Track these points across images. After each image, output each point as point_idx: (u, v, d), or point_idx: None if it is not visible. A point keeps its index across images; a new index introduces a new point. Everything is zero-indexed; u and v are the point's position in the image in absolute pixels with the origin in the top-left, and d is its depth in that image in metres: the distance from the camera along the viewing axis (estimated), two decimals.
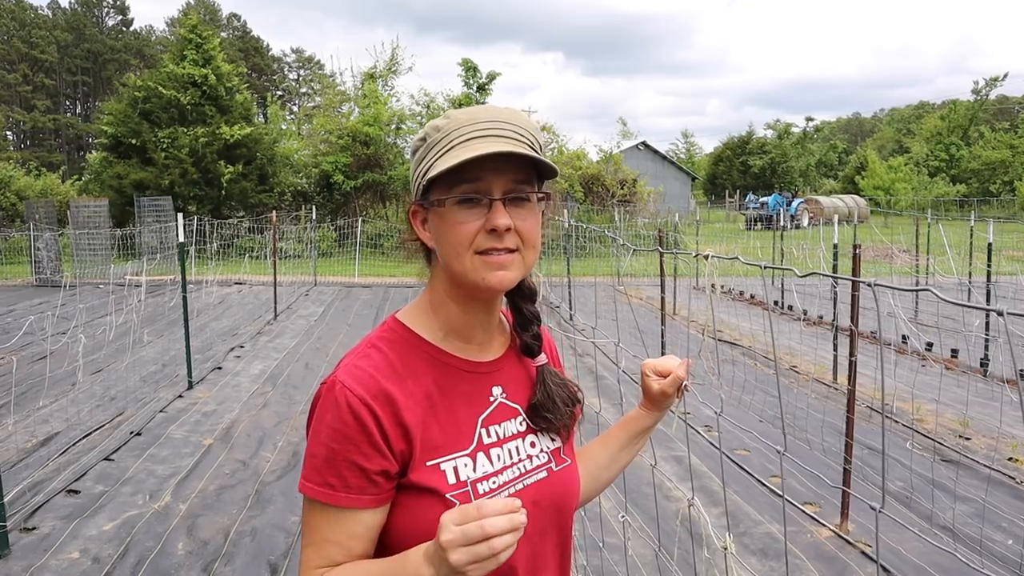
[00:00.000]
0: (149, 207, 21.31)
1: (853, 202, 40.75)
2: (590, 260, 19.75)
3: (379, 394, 1.10)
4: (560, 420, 1.27)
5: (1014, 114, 61.59)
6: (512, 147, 1.10)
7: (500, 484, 1.18)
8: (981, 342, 9.53)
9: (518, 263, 1.15)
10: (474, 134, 1.11)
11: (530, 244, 1.15)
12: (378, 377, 1.12)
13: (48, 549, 4.34)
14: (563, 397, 1.28)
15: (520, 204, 1.13)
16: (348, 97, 30.12)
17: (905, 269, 15.74)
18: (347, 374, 1.12)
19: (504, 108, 1.17)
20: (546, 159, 1.15)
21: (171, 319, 12.04)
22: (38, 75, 63.71)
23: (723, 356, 9.12)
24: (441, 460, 1.14)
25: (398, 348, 1.18)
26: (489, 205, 1.11)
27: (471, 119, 1.13)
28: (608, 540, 4.32)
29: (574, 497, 1.30)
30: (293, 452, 6.08)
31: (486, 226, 1.11)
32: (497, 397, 1.24)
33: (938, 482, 5.24)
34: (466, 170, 1.09)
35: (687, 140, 73.05)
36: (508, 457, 1.21)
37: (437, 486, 1.12)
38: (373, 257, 22.75)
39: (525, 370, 1.30)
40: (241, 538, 4.54)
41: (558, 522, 1.25)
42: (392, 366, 1.15)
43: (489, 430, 1.21)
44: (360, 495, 1.09)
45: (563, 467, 1.27)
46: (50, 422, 6.77)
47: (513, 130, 1.13)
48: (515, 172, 1.13)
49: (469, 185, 1.11)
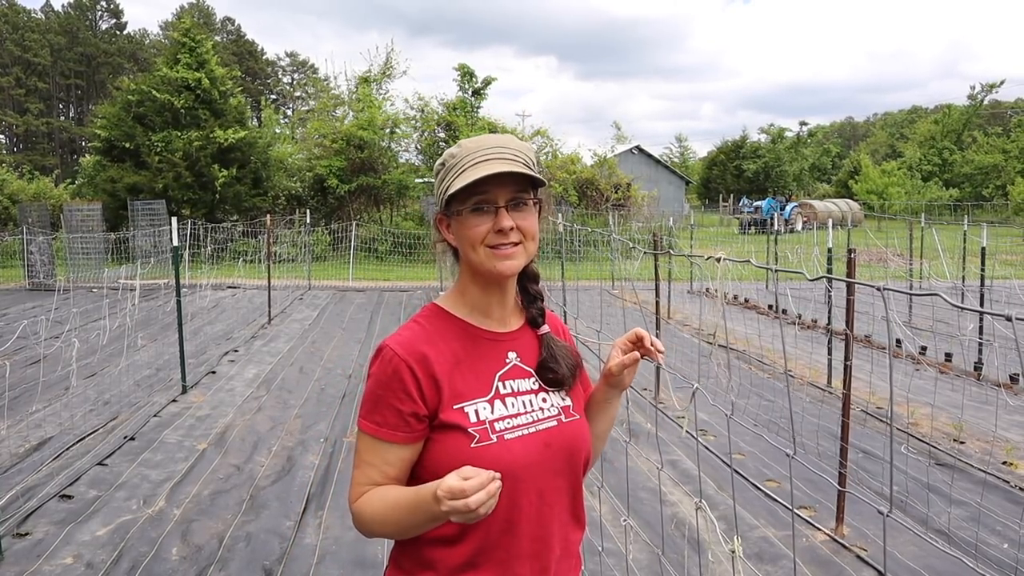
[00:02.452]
0: (143, 211, 21.27)
1: (847, 206, 40.91)
2: (584, 264, 19.76)
3: (415, 353, 1.44)
4: (563, 374, 1.56)
5: (1007, 119, 61.82)
6: (510, 167, 1.43)
7: (514, 426, 1.47)
8: (975, 346, 9.56)
9: (522, 252, 1.49)
10: (482, 158, 1.45)
11: (530, 236, 1.49)
12: (416, 342, 1.47)
13: (41, 555, 4.31)
14: (564, 356, 1.58)
15: (520, 208, 1.48)
16: (342, 101, 30.06)
17: (899, 273, 15.79)
18: (393, 340, 1.48)
19: (504, 135, 1.51)
20: (536, 174, 1.48)
21: (165, 323, 12.01)
22: (31, 78, 63.53)
23: (719, 360, 9.12)
24: (465, 404, 1.45)
25: (433, 321, 1.53)
26: (496, 211, 1.45)
27: (479, 147, 1.47)
28: (607, 545, 4.31)
29: (583, 444, 1.56)
30: (288, 457, 6.07)
31: (494, 227, 1.45)
32: (512, 360, 1.55)
33: (933, 486, 5.25)
34: (477, 185, 1.43)
35: (681, 144, 73.33)
36: (522, 406, 1.50)
37: (461, 422, 1.44)
38: (367, 261, 22.73)
39: (537, 342, 1.60)
40: (236, 543, 4.52)
41: (569, 465, 1.52)
42: (428, 333, 1.50)
43: (505, 383, 1.51)
44: (395, 431, 1.43)
45: (571, 420, 1.55)
46: (43, 427, 6.74)
47: (512, 153, 1.47)
48: (514, 184, 1.46)
49: (480, 197, 1.45)
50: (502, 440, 1.44)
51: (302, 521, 4.85)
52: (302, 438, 6.55)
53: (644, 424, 6.95)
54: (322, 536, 4.62)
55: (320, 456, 6.08)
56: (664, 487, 5.45)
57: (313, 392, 8.12)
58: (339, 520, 4.85)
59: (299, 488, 5.40)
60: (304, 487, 5.41)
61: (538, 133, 29.15)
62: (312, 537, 4.62)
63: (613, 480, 5.38)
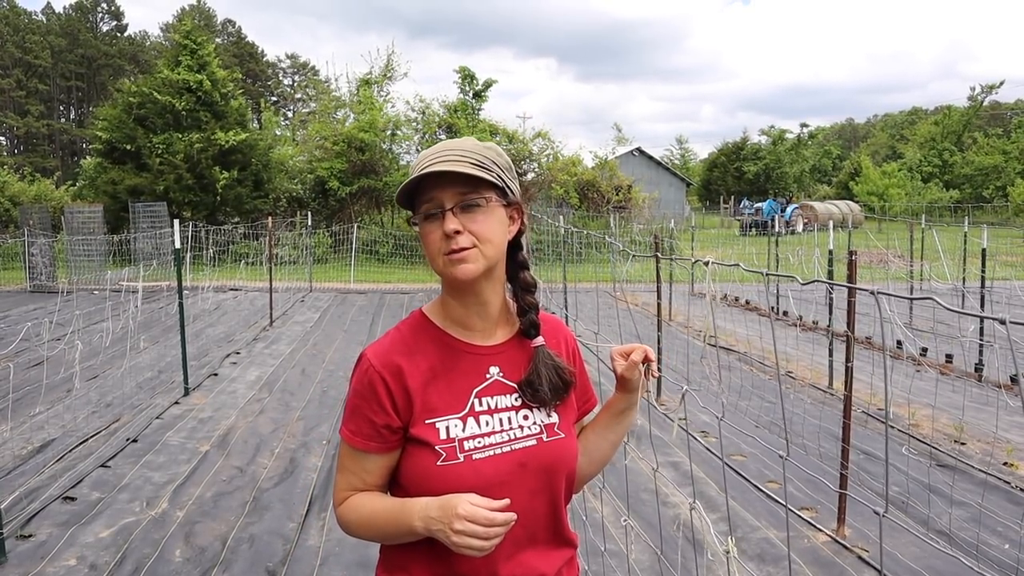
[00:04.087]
0: (144, 213, 21.29)
1: (847, 207, 40.91)
2: (586, 266, 19.77)
3: (389, 365, 1.42)
4: (544, 394, 1.47)
5: (1007, 120, 61.83)
6: (449, 167, 1.36)
7: (485, 445, 1.42)
8: (975, 347, 9.56)
9: (477, 256, 1.39)
10: (426, 164, 1.39)
11: (485, 240, 1.39)
12: (392, 352, 1.44)
13: (45, 556, 4.32)
14: (552, 374, 1.48)
15: (471, 210, 1.39)
16: (343, 103, 30.07)
17: (900, 274, 15.78)
18: (372, 349, 1.46)
19: (462, 139, 1.45)
20: (486, 173, 1.39)
21: (167, 325, 12.02)
22: (32, 80, 63.55)
23: (720, 362, 9.14)
24: (436, 420, 1.41)
25: (414, 330, 1.49)
26: (443, 215, 1.38)
27: (429, 153, 1.41)
28: (609, 546, 4.32)
29: (565, 463, 1.49)
30: (290, 458, 6.08)
31: (442, 232, 1.38)
32: (493, 375, 1.48)
33: (934, 487, 5.26)
34: (423, 192, 1.40)
35: (682, 146, 73.30)
36: (498, 424, 1.44)
37: (430, 439, 1.40)
38: (369, 263, 22.74)
39: (527, 355, 1.51)
40: (239, 545, 4.53)
41: (548, 484, 1.46)
42: (406, 343, 1.46)
43: (482, 400, 1.45)
44: (368, 441, 1.42)
45: (554, 439, 1.48)
46: (46, 429, 6.75)
47: (458, 154, 1.39)
48: (461, 186, 1.38)
49: (427, 204, 1.40)
50: (469, 460, 1.39)
51: (305, 523, 4.86)
52: (304, 440, 6.56)
53: (645, 425, 6.97)
54: (325, 538, 4.64)
55: (323, 458, 6.09)
56: (666, 488, 5.46)
57: (315, 394, 8.13)
58: None
59: (302, 490, 5.41)
60: (307, 489, 5.43)
61: (539, 135, 29.16)
62: (315, 539, 4.63)
63: (615, 481, 5.40)
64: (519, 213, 1.49)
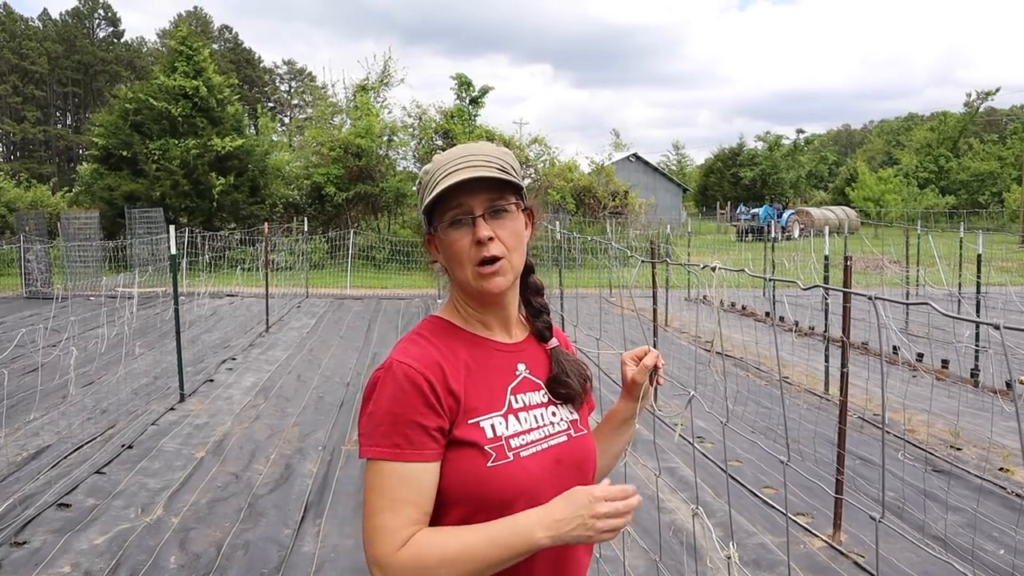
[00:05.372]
0: (140, 219, 21.26)
1: (843, 213, 41.02)
2: (581, 272, 19.79)
3: (431, 364, 1.33)
4: (574, 390, 1.50)
5: (1003, 126, 62.05)
6: (479, 172, 1.34)
7: (528, 442, 1.39)
8: (971, 353, 9.58)
9: (507, 268, 1.39)
10: (451, 169, 1.36)
11: (513, 248, 1.39)
12: (429, 353, 1.36)
13: (39, 563, 4.30)
14: (576, 371, 1.52)
15: (499, 216, 1.38)
16: (340, 109, 30.10)
17: (895, 280, 15.82)
18: (402, 355, 1.35)
19: (478, 143, 1.44)
20: (513, 178, 1.39)
21: (163, 331, 12.00)
22: (28, 86, 63.55)
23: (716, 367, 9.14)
24: (480, 419, 1.36)
25: (438, 334, 1.42)
26: (473, 222, 1.36)
27: (449, 159, 1.39)
28: (604, 552, 4.32)
29: (592, 458, 1.51)
30: (286, 464, 6.07)
31: (473, 239, 1.36)
32: (522, 372, 1.47)
33: (930, 492, 5.27)
34: (450, 198, 1.36)
35: (678, 152, 73.36)
36: (534, 421, 1.43)
37: (477, 439, 1.33)
38: (365, 269, 22.73)
39: (544, 353, 1.53)
40: (234, 551, 4.52)
41: (579, 480, 1.43)
42: (436, 347, 1.38)
43: (517, 397, 1.43)
44: (423, 450, 1.29)
45: (580, 435, 1.49)
46: (41, 435, 6.73)
47: (482, 159, 1.38)
48: (488, 192, 1.37)
49: (454, 210, 1.37)
50: (518, 458, 1.35)
51: (300, 529, 4.85)
52: (300, 446, 6.55)
53: (642, 431, 6.97)
54: (320, 544, 4.62)
55: (318, 464, 6.08)
56: (661, 494, 5.46)
57: (311, 400, 8.12)
58: (337, 528, 4.85)
59: (297, 496, 5.40)
60: (302, 495, 5.41)
61: (535, 141, 29.20)
62: (310, 545, 4.62)
63: None
64: (531, 218, 1.49)
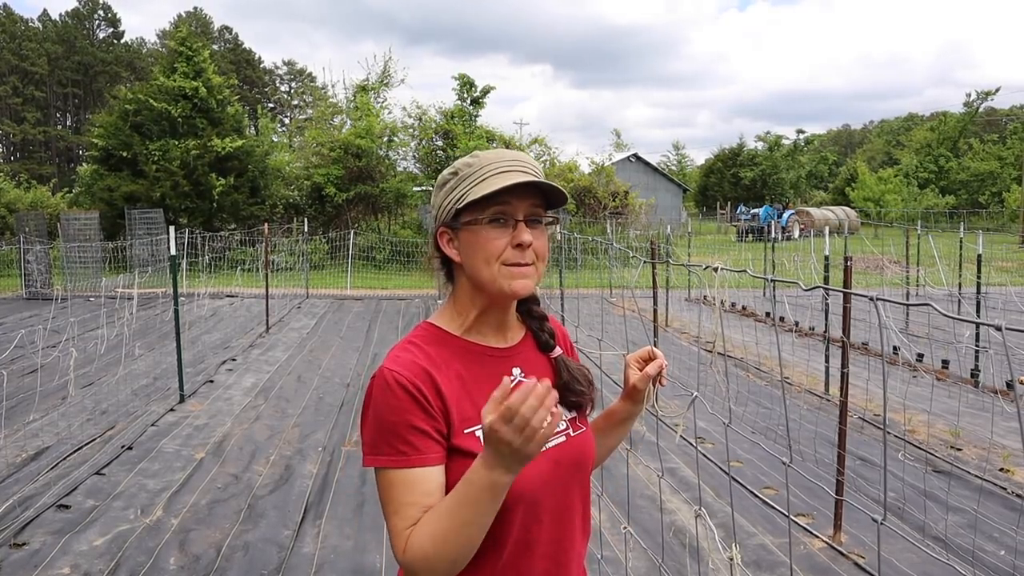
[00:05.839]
0: (140, 219, 21.27)
1: (844, 213, 41.02)
2: (582, 272, 19.79)
3: (420, 372, 1.34)
4: (586, 397, 1.52)
5: (1002, 126, 62.06)
6: (535, 179, 1.38)
7: None
8: (971, 353, 9.57)
9: (534, 273, 1.42)
10: (504, 168, 1.38)
11: (542, 258, 1.43)
12: (417, 362, 1.36)
13: (38, 565, 4.30)
14: (583, 377, 1.53)
15: (535, 225, 1.41)
16: (340, 109, 30.12)
17: (895, 280, 15.82)
18: (392, 363, 1.36)
19: (520, 152, 1.45)
20: (563, 188, 1.42)
21: (163, 332, 12.00)
22: (28, 87, 63.60)
23: (717, 368, 9.13)
24: (475, 428, 1.36)
25: (431, 343, 1.43)
26: (514, 225, 1.38)
27: (498, 158, 1.41)
28: (606, 554, 4.31)
29: (591, 454, 1.54)
30: (285, 465, 6.06)
31: (512, 242, 1.38)
32: (517, 376, 1.46)
33: (930, 493, 5.26)
34: (499, 196, 1.37)
35: (678, 152, 73.38)
36: None
37: (473, 449, 1.33)
38: (365, 269, 22.74)
39: (541, 356, 1.55)
40: (233, 552, 4.51)
41: (578, 477, 1.48)
42: (428, 356, 1.39)
43: None
44: (426, 454, 1.31)
45: (579, 433, 1.51)
46: (40, 436, 6.73)
47: (531, 167, 1.41)
48: (533, 199, 1.40)
49: (500, 208, 1.38)
50: None
51: (300, 530, 4.84)
52: (300, 447, 6.55)
53: (643, 432, 6.96)
54: (320, 545, 4.62)
55: (318, 465, 6.07)
56: (663, 495, 5.45)
57: (311, 401, 8.12)
58: (337, 529, 4.85)
59: (297, 497, 5.40)
60: (302, 496, 5.41)
61: (536, 141, 29.22)
62: (310, 546, 4.62)
63: (612, 488, 5.39)
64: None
